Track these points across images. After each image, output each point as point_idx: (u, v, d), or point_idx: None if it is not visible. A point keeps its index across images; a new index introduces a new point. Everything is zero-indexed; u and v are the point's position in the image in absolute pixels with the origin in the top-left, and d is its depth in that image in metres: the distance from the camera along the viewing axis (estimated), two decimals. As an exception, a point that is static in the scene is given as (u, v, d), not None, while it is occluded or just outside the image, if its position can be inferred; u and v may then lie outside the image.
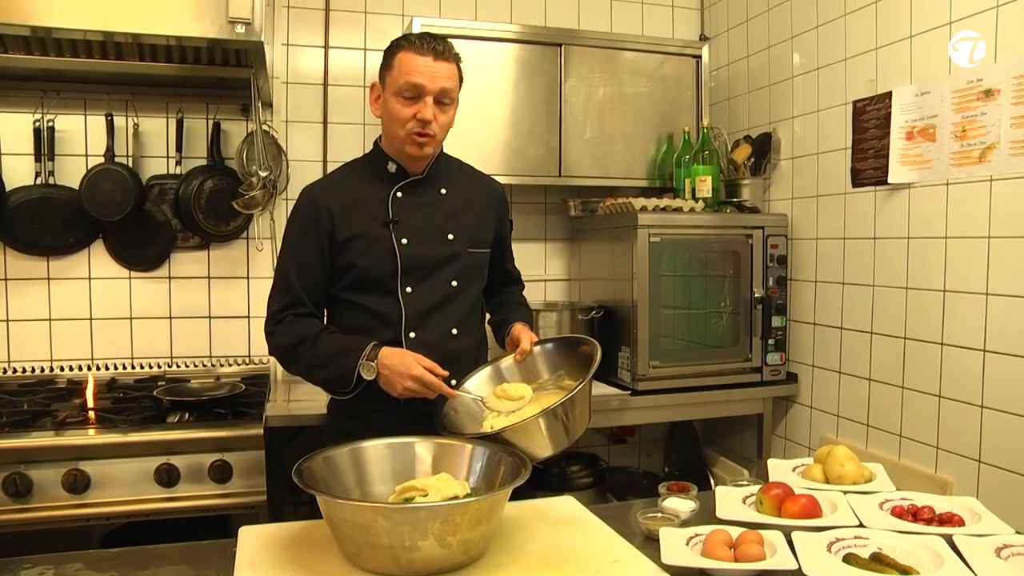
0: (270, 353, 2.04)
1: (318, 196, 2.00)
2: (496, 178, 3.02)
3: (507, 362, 2.03)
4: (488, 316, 2.26)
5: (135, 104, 2.98)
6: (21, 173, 2.87)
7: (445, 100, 1.94)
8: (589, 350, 1.92)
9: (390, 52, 1.96)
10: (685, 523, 1.58)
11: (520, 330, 2.05)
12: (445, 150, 2.89)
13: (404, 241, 1.97)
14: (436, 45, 1.91)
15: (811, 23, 2.95)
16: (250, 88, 2.79)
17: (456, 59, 1.97)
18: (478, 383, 2.00)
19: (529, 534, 1.53)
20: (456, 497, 1.44)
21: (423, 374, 1.81)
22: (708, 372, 2.99)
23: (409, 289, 1.97)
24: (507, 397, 1.87)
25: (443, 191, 2.07)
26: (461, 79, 2.01)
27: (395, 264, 1.96)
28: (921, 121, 2.45)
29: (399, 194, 2.01)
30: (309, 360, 1.92)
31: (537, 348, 2.04)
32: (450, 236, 2.03)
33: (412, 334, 1.97)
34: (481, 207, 2.14)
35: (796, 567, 1.31)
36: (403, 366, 1.81)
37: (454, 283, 2.02)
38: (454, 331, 2.02)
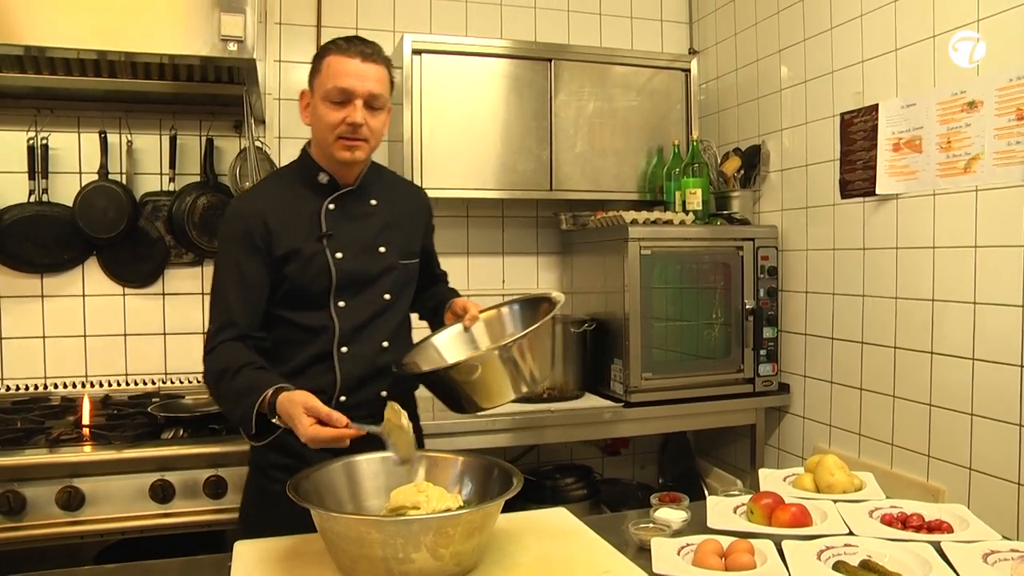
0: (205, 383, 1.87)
1: (251, 210, 1.91)
2: (488, 192, 3.08)
3: (477, 327, 1.99)
4: (418, 314, 2.22)
5: (128, 121, 2.99)
6: (15, 191, 2.87)
7: (375, 104, 1.88)
8: (550, 306, 1.85)
9: (318, 57, 1.91)
10: (677, 533, 1.59)
11: (464, 301, 2.04)
12: (434, 159, 2.88)
13: (339, 255, 1.91)
14: (364, 48, 1.87)
15: (798, 36, 2.98)
16: (243, 105, 2.81)
17: (386, 62, 1.92)
18: (448, 338, 2.01)
19: (521, 546, 1.54)
20: (448, 510, 1.45)
21: (316, 434, 1.56)
22: (700, 383, 3.00)
23: (343, 304, 1.92)
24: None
25: (373, 202, 2.01)
26: (392, 84, 1.96)
27: (330, 279, 1.90)
28: (907, 133, 2.48)
29: (331, 206, 1.95)
30: (225, 395, 1.78)
31: (504, 309, 2.00)
32: (382, 249, 1.98)
33: (344, 348, 1.91)
34: (410, 218, 2.09)
35: (786, 575, 1.33)
36: (293, 422, 1.59)
37: (387, 296, 1.98)
38: (385, 344, 1.97)
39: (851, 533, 1.53)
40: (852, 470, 1.85)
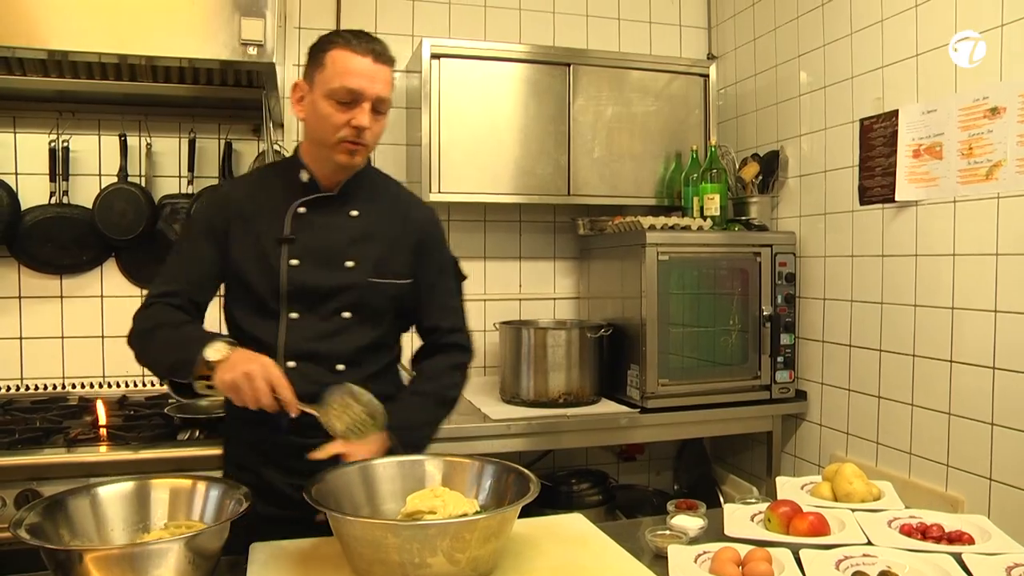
0: (128, 341, 1.76)
1: (226, 193, 1.90)
2: (505, 197, 3.07)
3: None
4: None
5: (148, 124, 3.01)
6: (36, 192, 2.90)
7: (381, 108, 1.76)
8: None
9: (321, 49, 1.75)
10: (693, 540, 1.58)
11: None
12: (452, 163, 2.76)
13: (294, 262, 1.77)
14: (375, 46, 1.74)
15: (818, 42, 2.96)
16: (261, 108, 2.83)
17: (393, 63, 1.79)
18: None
19: (537, 552, 1.53)
20: (465, 514, 1.44)
21: (261, 396, 1.55)
22: (717, 390, 2.99)
23: (294, 315, 1.78)
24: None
25: (354, 212, 1.85)
26: (394, 86, 1.83)
27: (278, 286, 1.77)
28: (928, 139, 2.46)
29: (301, 210, 1.81)
30: (164, 340, 1.69)
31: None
32: (349, 263, 1.81)
33: (291, 363, 1.76)
34: (395, 234, 1.87)
35: (804, 585, 1.31)
36: (251, 359, 1.58)
37: (346, 315, 1.81)
38: (340, 367, 1.79)
39: (870, 543, 1.51)
40: (869, 479, 1.83)
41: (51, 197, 2.90)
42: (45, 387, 2.94)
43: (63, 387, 2.96)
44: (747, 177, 3.25)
